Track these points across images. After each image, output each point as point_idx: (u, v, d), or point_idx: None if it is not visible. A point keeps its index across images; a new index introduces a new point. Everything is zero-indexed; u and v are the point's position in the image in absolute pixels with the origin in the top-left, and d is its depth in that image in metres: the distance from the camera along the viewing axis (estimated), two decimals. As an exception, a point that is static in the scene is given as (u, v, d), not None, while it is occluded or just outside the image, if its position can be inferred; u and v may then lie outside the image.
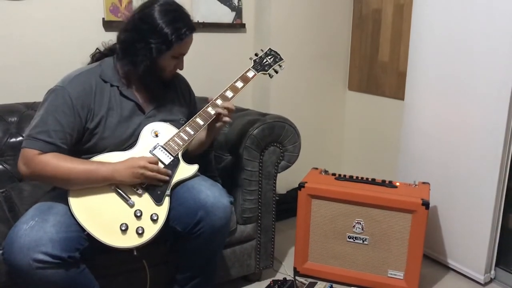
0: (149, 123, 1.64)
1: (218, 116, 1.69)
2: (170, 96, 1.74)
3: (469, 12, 2.01)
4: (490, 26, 1.94)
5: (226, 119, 1.69)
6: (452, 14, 2.08)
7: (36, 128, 1.46)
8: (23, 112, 1.95)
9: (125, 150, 1.59)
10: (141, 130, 1.62)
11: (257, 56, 1.86)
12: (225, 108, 1.68)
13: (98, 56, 1.68)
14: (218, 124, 1.72)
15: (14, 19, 2.05)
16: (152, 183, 1.55)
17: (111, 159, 1.54)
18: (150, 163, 1.52)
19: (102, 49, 1.69)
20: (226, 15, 2.60)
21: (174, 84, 1.77)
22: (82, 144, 1.57)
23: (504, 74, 1.91)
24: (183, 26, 1.57)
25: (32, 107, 1.97)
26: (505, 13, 1.88)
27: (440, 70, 2.17)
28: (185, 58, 1.67)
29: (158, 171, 1.54)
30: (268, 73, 1.85)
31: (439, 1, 2.13)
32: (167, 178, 1.56)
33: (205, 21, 2.52)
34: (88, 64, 1.67)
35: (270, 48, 1.90)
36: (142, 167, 1.50)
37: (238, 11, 2.63)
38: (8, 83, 2.07)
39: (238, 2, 2.62)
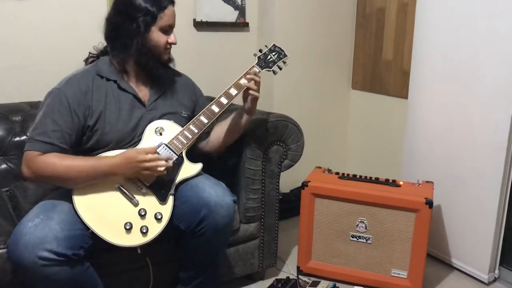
0: (150, 116, 1.65)
1: (246, 93, 1.70)
2: (171, 89, 1.75)
3: (473, 10, 2.00)
4: (494, 25, 1.93)
5: (254, 93, 1.68)
6: (455, 13, 2.08)
7: (35, 130, 1.50)
8: (27, 111, 1.96)
9: (129, 148, 1.60)
10: (143, 123, 1.63)
11: (261, 52, 1.83)
12: (251, 80, 1.69)
13: (91, 60, 1.71)
14: (247, 105, 1.72)
15: (18, 18, 2.06)
16: (154, 170, 1.51)
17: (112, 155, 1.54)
18: (148, 153, 1.50)
19: (94, 52, 1.72)
20: (229, 14, 2.60)
21: (174, 78, 1.78)
22: (85, 143, 1.58)
23: (508, 73, 1.91)
24: None
25: (36, 106, 1.97)
26: (509, 11, 1.88)
27: (444, 68, 2.16)
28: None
29: (158, 159, 1.51)
30: (272, 70, 1.83)
31: (442, 0, 2.13)
32: (169, 163, 1.53)
33: (209, 20, 2.52)
34: None
35: (274, 44, 1.86)
36: (142, 161, 1.49)
37: (241, 10, 2.63)
38: (12, 82, 2.08)
39: (241, 1, 2.62)
